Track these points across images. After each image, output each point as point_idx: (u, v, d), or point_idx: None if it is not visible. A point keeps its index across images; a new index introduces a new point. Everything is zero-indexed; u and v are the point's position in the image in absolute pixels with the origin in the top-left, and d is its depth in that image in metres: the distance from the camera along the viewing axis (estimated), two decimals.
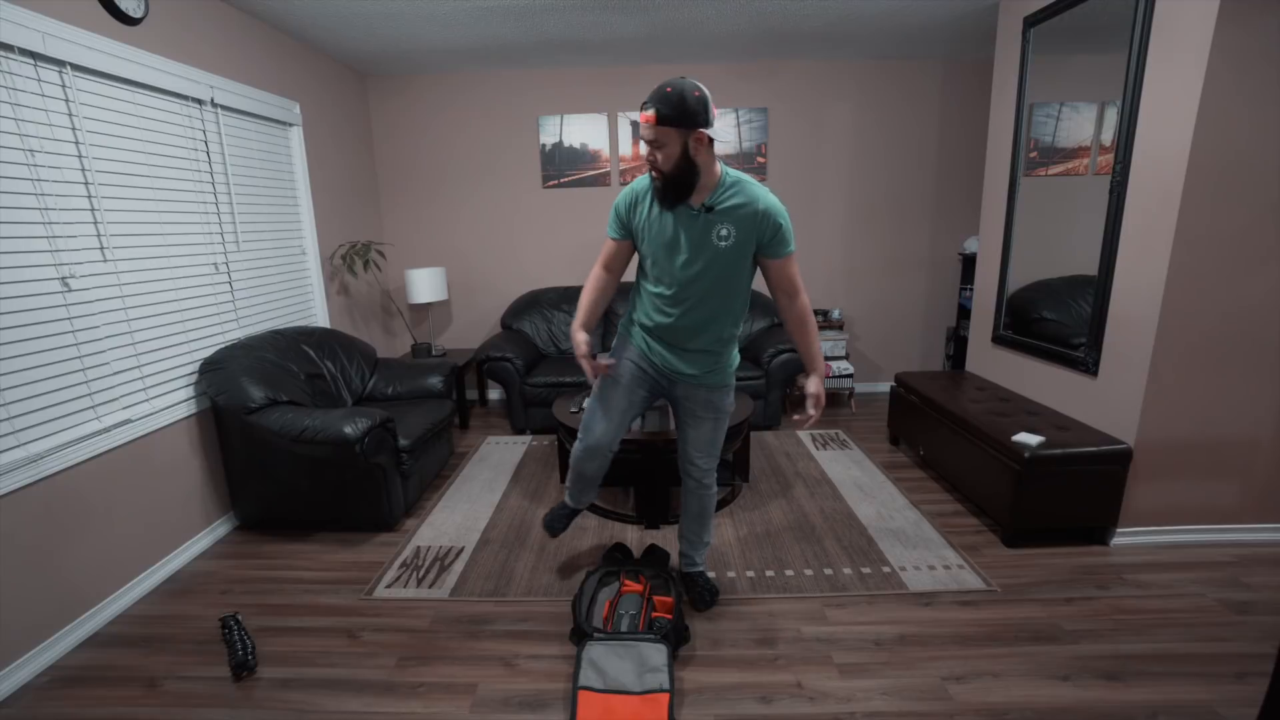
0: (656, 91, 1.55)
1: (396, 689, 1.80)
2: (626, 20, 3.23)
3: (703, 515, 2.12)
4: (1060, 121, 2.69)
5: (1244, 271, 2.17)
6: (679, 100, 1.52)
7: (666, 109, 1.53)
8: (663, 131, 1.55)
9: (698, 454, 2.01)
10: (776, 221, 1.68)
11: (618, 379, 1.95)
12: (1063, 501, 2.36)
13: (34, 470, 1.91)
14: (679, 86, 1.53)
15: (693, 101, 1.53)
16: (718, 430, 2.00)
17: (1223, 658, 1.82)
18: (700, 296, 1.78)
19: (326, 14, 3.02)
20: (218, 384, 2.48)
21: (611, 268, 1.91)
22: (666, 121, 1.54)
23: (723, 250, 1.70)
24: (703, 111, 1.55)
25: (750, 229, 1.68)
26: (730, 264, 1.73)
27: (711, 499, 2.10)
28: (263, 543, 2.65)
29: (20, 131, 1.92)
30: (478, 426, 4.11)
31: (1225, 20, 1.96)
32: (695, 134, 1.56)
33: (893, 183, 4.32)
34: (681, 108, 1.53)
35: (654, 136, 1.57)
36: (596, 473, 2.09)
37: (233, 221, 2.86)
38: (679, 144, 1.56)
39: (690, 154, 1.58)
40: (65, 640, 2.00)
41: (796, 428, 1.85)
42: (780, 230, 1.69)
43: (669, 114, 1.53)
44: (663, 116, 1.53)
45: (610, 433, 1.98)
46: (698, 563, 2.19)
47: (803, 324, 1.84)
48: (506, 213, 4.42)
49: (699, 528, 2.14)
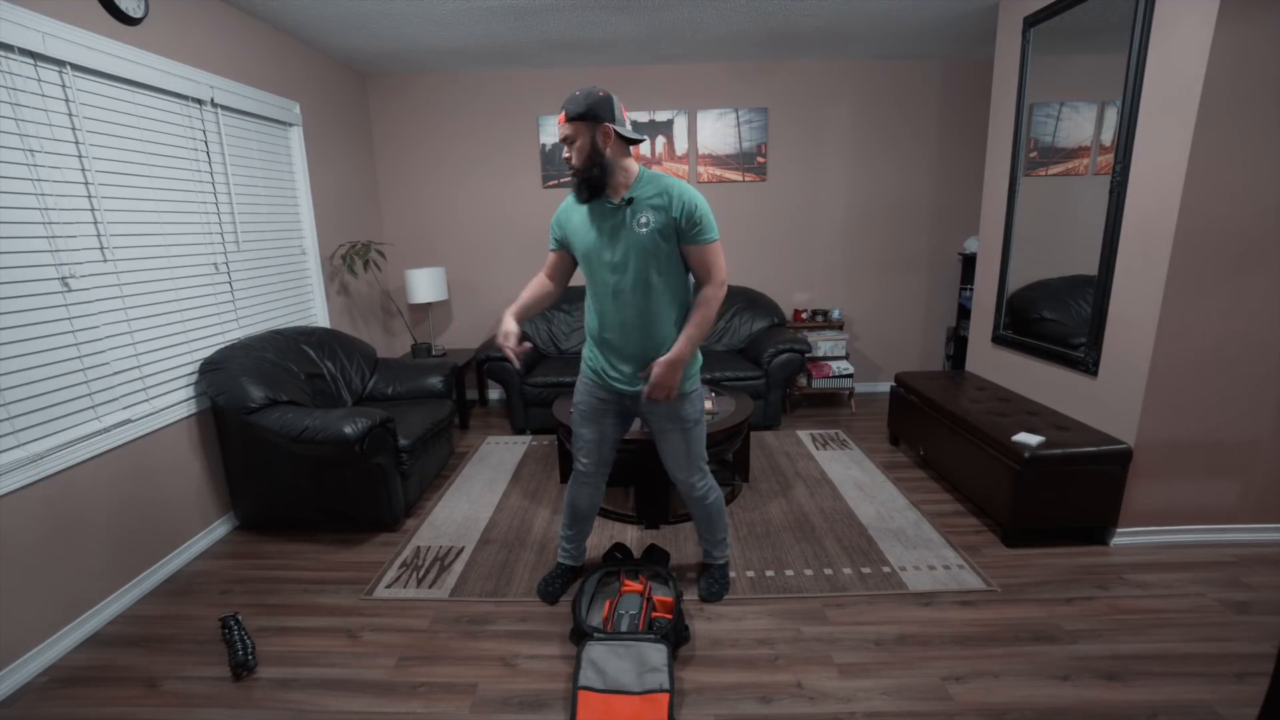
0: (568, 97, 1.73)
1: (396, 689, 1.80)
2: (626, 20, 3.23)
3: (707, 519, 2.14)
4: (1060, 121, 2.69)
5: (1244, 271, 2.17)
6: (584, 99, 1.69)
7: (574, 106, 1.69)
8: (572, 126, 1.70)
9: (674, 467, 2.02)
10: (692, 206, 1.75)
11: (582, 413, 2.03)
12: (1063, 501, 2.36)
13: (34, 470, 1.91)
14: (585, 89, 1.71)
15: (596, 100, 1.69)
16: (688, 441, 1.97)
17: (1223, 658, 1.82)
18: (630, 290, 1.81)
19: (326, 14, 3.02)
20: (218, 384, 2.48)
21: (552, 277, 2.02)
22: (574, 117, 1.70)
23: (643, 236, 1.76)
24: (606, 108, 1.70)
25: (666, 215, 1.75)
26: (652, 253, 1.78)
27: (710, 505, 2.10)
28: (263, 543, 2.65)
29: (20, 131, 1.92)
30: (478, 426, 4.12)
31: (1225, 20, 1.96)
32: (601, 127, 1.70)
33: (892, 182, 4.32)
34: (586, 104, 1.69)
35: (566, 133, 1.72)
36: (588, 506, 2.15)
37: (233, 221, 2.86)
38: (588, 137, 1.70)
39: (599, 146, 1.71)
40: (65, 640, 2.00)
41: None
42: (695, 215, 1.75)
43: (576, 110, 1.69)
44: (570, 114, 1.70)
45: (590, 464, 2.07)
46: (716, 558, 2.21)
47: (698, 305, 1.82)
48: (507, 213, 4.42)
49: (708, 530, 2.16)
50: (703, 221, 1.76)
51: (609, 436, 2.04)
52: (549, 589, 2.21)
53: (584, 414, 2.03)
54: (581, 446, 2.06)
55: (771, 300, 4.28)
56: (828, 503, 2.87)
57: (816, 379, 4.17)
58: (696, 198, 1.77)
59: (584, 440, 2.04)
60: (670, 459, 2.01)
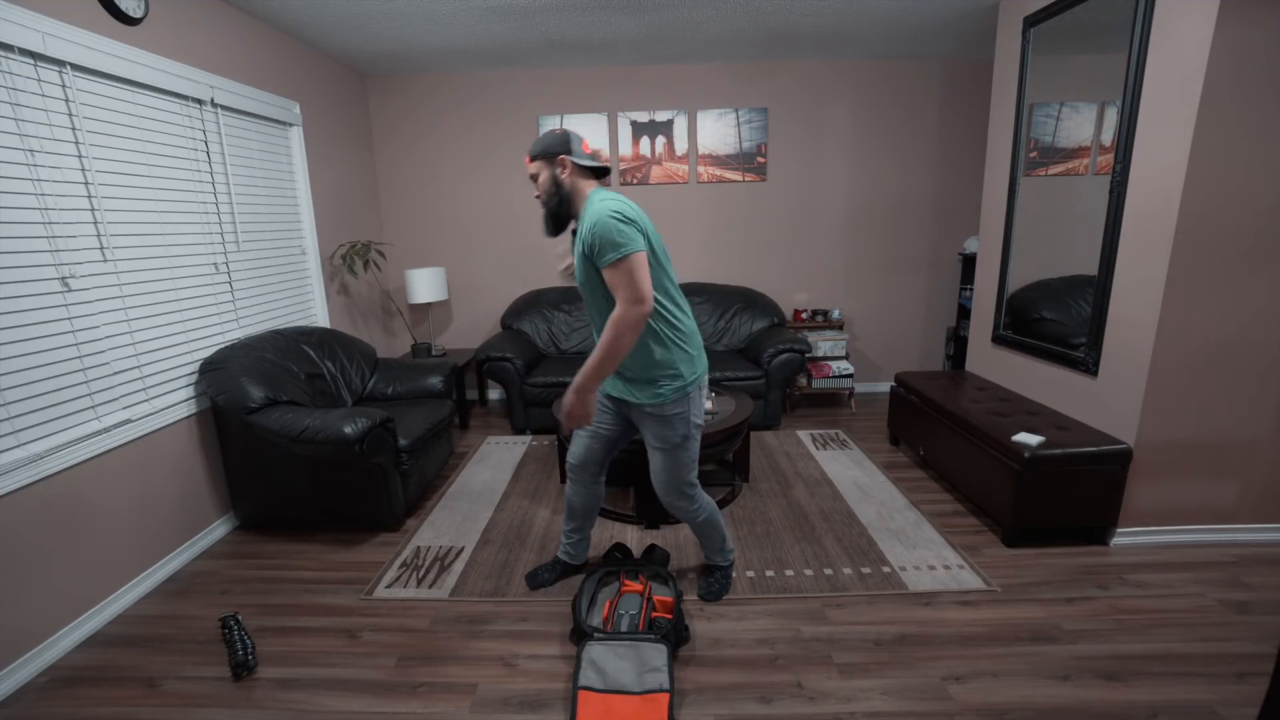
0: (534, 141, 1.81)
1: (396, 689, 1.80)
2: (626, 20, 3.23)
3: (703, 534, 2.14)
4: (1060, 121, 2.69)
5: (1244, 271, 2.17)
6: (542, 139, 1.81)
7: (534, 148, 1.81)
8: (534, 165, 1.81)
9: (656, 485, 2.00)
10: (591, 233, 1.66)
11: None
12: (1063, 501, 2.36)
13: (34, 470, 1.91)
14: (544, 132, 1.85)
15: (551, 138, 1.80)
16: (669, 463, 1.93)
17: (1223, 658, 1.82)
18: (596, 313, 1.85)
19: (326, 14, 3.02)
20: (218, 384, 2.48)
21: None
22: (535, 156, 1.81)
23: (581, 263, 1.78)
24: (561, 143, 1.79)
25: (581, 244, 1.73)
26: (582, 279, 1.81)
27: (702, 523, 2.08)
28: (263, 543, 2.65)
29: (20, 131, 1.92)
30: (478, 426, 4.11)
31: (1225, 20, 1.96)
32: (558, 160, 1.78)
33: (892, 182, 4.32)
34: (543, 144, 1.79)
35: (531, 172, 1.83)
36: (581, 506, 2.18)
37: (233, 221, 2.86)
38: (548, 173, 1.80)
39: (558, 179, 1.79)
40: (65, 640, 2.00)
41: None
42: (595, 240, 1.65)
43: (535, 151, 1.80)
44: (532, 155, 1.81)
45: (578, 454, 2.10)
46: (718, 562, 2.21)
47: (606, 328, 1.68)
48: (507, 213, 4.42)
49: (705, 542, 2.18)
50: (601, 246, 1.64)
51: (601, 434, 2.05)
52: (537, 577, 2.25)
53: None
54: (575, 437, 2.12)
55: (771, 300, 4.28)
56: (828, 503, 2.87)
57: (816, 379, 4.17)
58: (599, 224, 1.64)
59: (577, 433, 2.10)
60: (654, 476, 1.99)
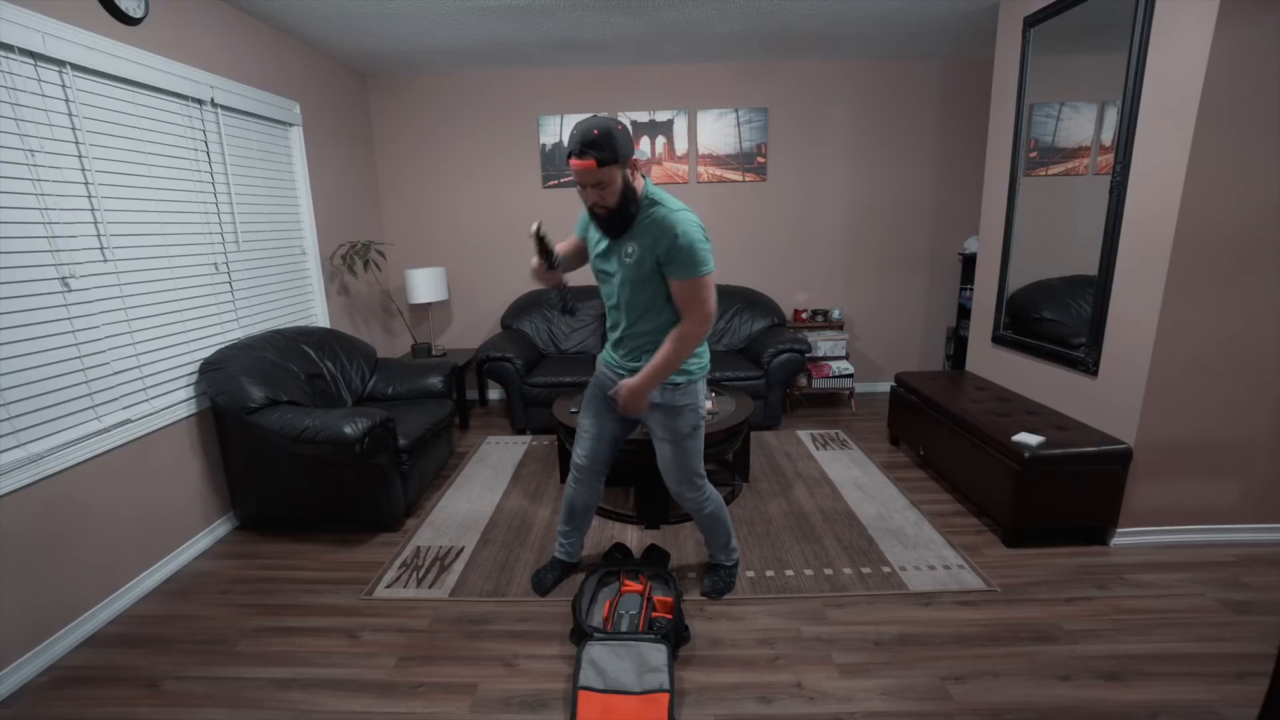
0: (583, 136, 1.57)
1: (396, 689, 1.80)
2: (626, 20, 3.23)
3: (707, 528, 2.15)
4: (1060, 121, 2.69)
5: (1244, 271, 2.17)
6: (609, 138, 1.58)
7: (603, 151, 1.57)
8: (605, 172, 1.60)
9: (665, 477, 2.02)
10: (676, 244, 1.67)
11: (586, 404, 2.06)
12: (1063, 501, 2.36)
13: (34, 470, 1.91)
14: (604, 126, 1.59)
15: (620, 135, 1.60)
16: (678, 454, 1.95)
17: (1223, 658, 1.82)
18: (624, 308, 1.86)
19: (326, 14, 3.02)
20: (218, 384, 2.48)
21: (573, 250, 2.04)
22: (607, 162, 1.59)
23: (629, 266, 1.77)
24: (629, 141, 1.64)
25: (649, 248, 1.72)
26: (635, 279, 1.77)
27: (708, 515, 2.10)
28: (263, 543, 2.65)
29: (20, 131, 1.92)
30: (478, 426, 4.11)
31: (1225, 20, 1.96)
32: (631, 161, 1.66)
33: (892, 182, 4.32)
34: (614, 144, 1.59)
35: (598, 179, 1.61)
36: (583, 506, 2.18)
37: (233, 221, 2.86)
38: (620, 177, 1.64)
39: (630, 182, 1.68)
40: (65, 640, 2.00)
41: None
42: (677, 252, 1.67)
43: (607, 155, 1.58)
44: (603, 159, 1.58)
45: (584, 457, 2.08)
46: (720, 560, 2.23)
47: (669, 340, 1.77)
48: (507, 213, 4.42)
49: (710, 537, 2.18)
50: (686, 260, 1.67)
51: (607, 434, 2.05)
52: (542, 580, 2.24)
53: (588, 404, 2.07)
54: (580, 438, 2.09)
55: (771, 300, 4.28)
56: (828, 503, 2.87)
57: (816, 379, 4.17)
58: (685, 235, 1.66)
59: (583, 430, 2.07)
60: (661, 467, 2.02)
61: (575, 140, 1.59)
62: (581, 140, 1.57)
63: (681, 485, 2.01)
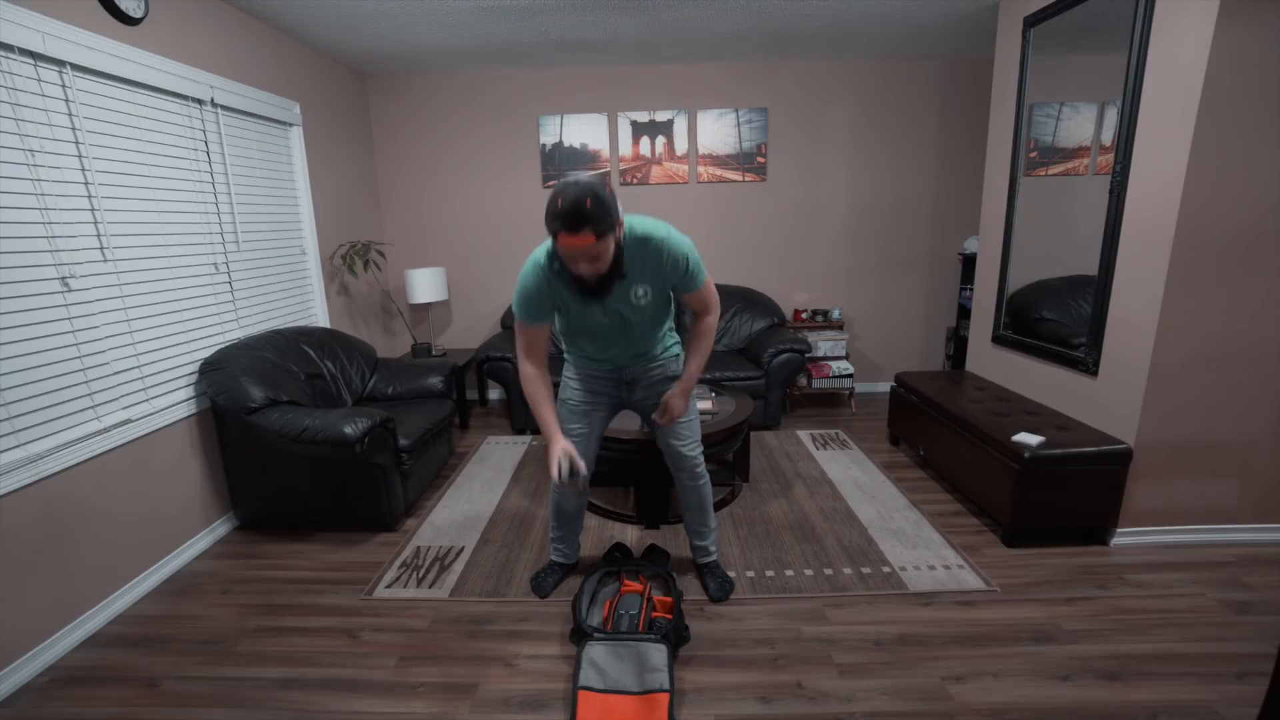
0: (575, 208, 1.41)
1: (396, 689, 1.80)
2: (626, 20, 3.23)
3: (703, 507, 2.16)
4: (1060, 121, 2.69)
5: (1244, 272, 2.17)
6: (601, 207, 1.44)
7: (600, 223, 1.44)
8: (603, 243, 1.49)
9: (678, 441, 2.04)
10: (684, 267, 1.73)
11: (572, 409, 2.05)
12: (1063, 501, 2.36)
13: (34, 470, 1.91)
14: (593, 193, 1.43)
15: (610, 198, 1.47)
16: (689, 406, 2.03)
17: (1223, 658, 1.82)
18: (627, 338, 1.92)
19: (326, 14, 3.02)
20: (218, 384, 2.48)
21: (538, 356, 1.86)
22: (606, 233, 1.47)
23: (644, 306, 1.80)
24: (615, 199, 1.51)
25: (661, 283, 1.77)
26: (653, 311, 1.85)
27: (708, 489, 2.14)
28: (263, 543, 2.65)
29: (20, 131, 1.92)
30: (478, 426, 4.11)
31: (1225, 20, 1.96)
32: (619, 224, 1.56)
33: (892, 182, 4.32)
34: (609, 212, 1.46)
35: (596, 253, 1.50)
36: (575, 507, 2.19)
37: (233, 221, 2.86)
38: (613, 242, 1.55)
39: (619, 242, 1.62)
40: (65, 640, 2.00)
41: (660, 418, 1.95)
42: (687, 271, 1.75)
43: (605, 225, 1.46)
44: (601, 232, 1.46)
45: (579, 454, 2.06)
46: (711, 552, 2.23)
47: (699, 336, 1.90)
48: (507, 213, 4.42)
49: (703, 518, 2.18)
50: (695, 272, 1.77)
51: (597, 431, 2.08)
52: (542, 583, 2.24)
53: (574, 409, 2.04)
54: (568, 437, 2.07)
55: (771, 300, 4.28)
56: (828, 503, 2.87)
57: (816, 379, 4.17)
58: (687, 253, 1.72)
59: (573, 435, 2.04)
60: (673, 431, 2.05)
61: (567, 213, 1.41)
62: (575, 214, 1.41)
63: (697, 445, 2.09)
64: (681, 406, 1.95)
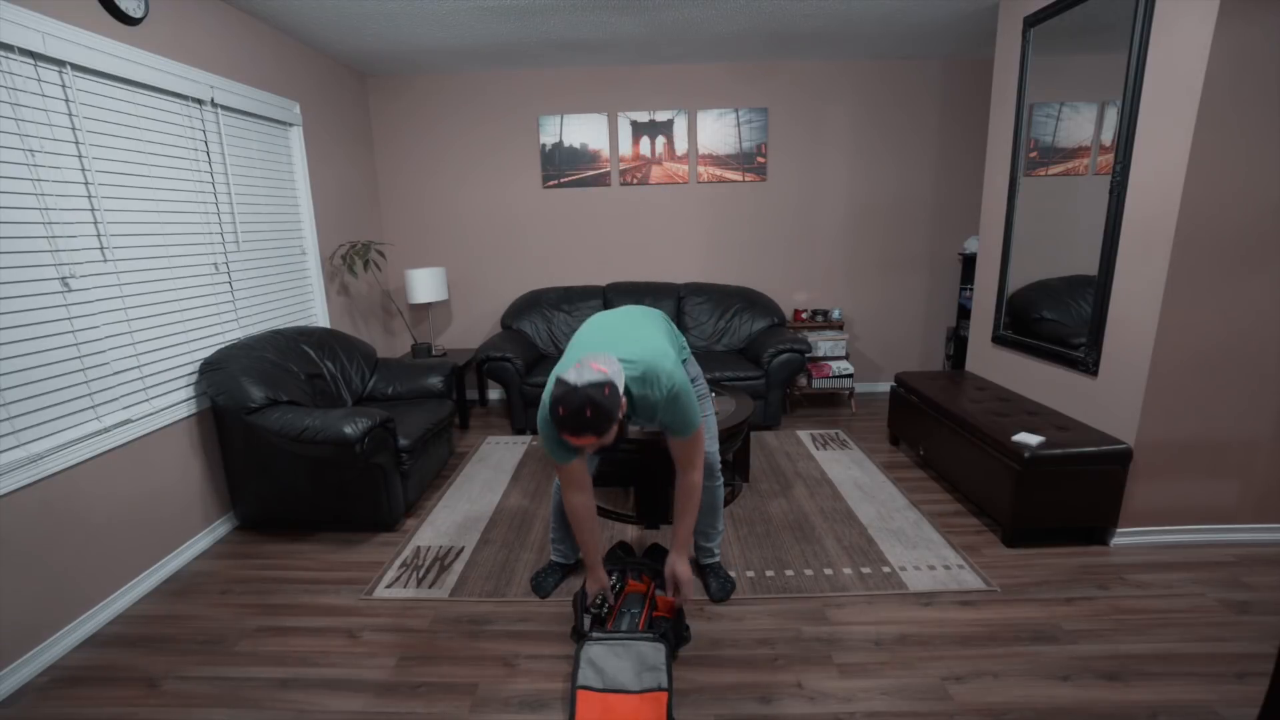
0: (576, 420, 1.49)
1: (396, 689, 1.80)
2: (626, 20, 3.23)
3: (714, 507, 2.16)
4: (1060, 121, 2.69)
5: (1244, 271, 2.17)
6: (600, 414, 1.50)
7: (600, 428, 1.52)
8: (606, 437, 1.57)
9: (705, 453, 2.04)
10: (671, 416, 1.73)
11: None
12: (1063, 501, 2.36)
13: (34, 470, 1.91)
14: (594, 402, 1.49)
15: (608, 401, 1.51)
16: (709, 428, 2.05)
17: (1223, 658, 1.82)
18: None
19: (326, 14, 3.02)
20: (218, 384, 2.48)
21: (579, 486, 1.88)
22: (607, 431, 1.54)
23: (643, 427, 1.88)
24: (617, 397, 1.54)
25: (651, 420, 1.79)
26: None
27: (720, 491, 2.14)
28: (263, 543, 2.65)
29: (20, 131, 1.92)
30: (478, 426, 4.11)
31: (1225, 20, 1.96)
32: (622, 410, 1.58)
33: (892, 182, 4.32)
34: (608, 417, 1.52)
35: (600, 445, 1.60)
36: None
37: (233, 221, 2.86)
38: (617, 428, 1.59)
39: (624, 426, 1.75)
40: (65, 640, 2.00)
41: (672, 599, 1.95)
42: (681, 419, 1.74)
43: (605, 427, 1.53)
44: (602, 432, 1.54)
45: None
46: (715, 553, 2.23)
47: (685, 498, 1.86)
48: (507, 213, 4.42)
49: (712, 518, 2.18)
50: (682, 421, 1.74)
51: None
52: (542, 584, 2.24)
53: None
54: None
55: (771, 300, 4.28)
56: (828, 503, 2.87)
57: (816, 379, 4.17)
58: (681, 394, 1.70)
59: None
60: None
61: (568, 422, 1.51)
62: (576, 423, 1.50)
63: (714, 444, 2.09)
64: (685, 572, 1.87)
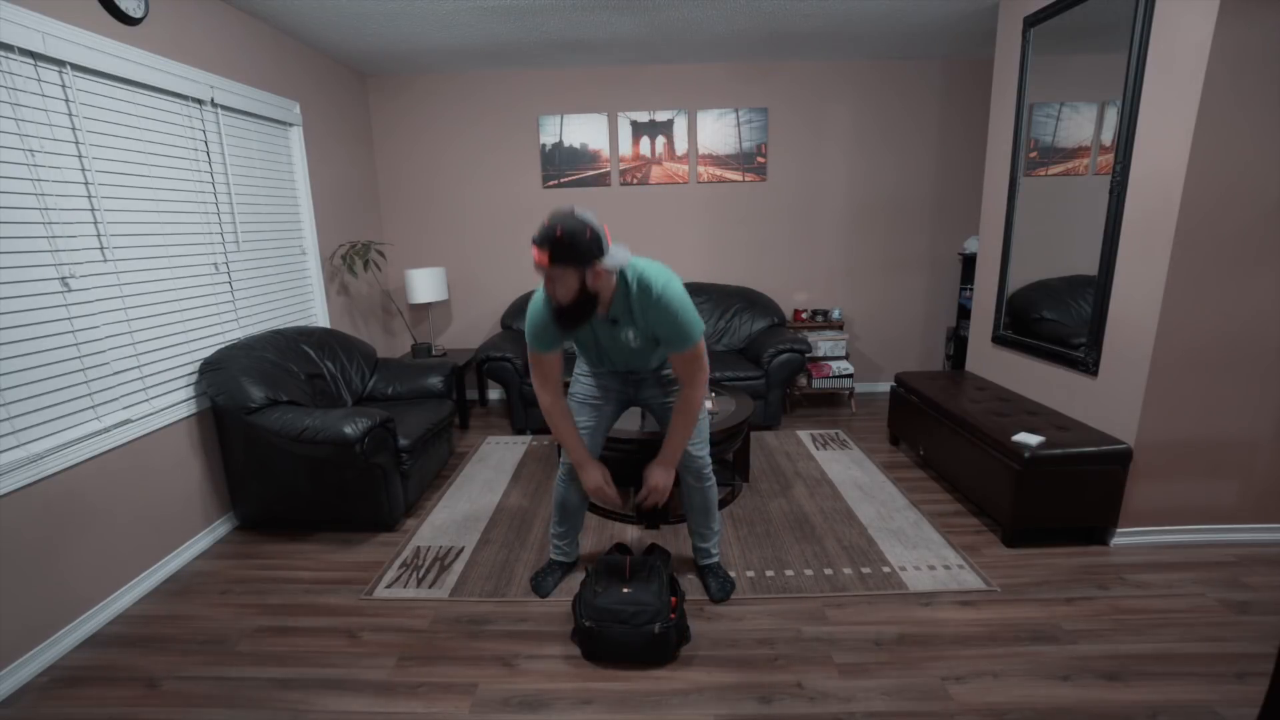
0: (547, 232, 1.53)
1: (396, 689, 1.80)
2: (626, 20, 3.23)
3: (708, 508, 2.16)
4: (1060, 121, 2.69)
5: (1244, 271, 2.17)
6: (570, 243, 1.52)
7: (561, 251, 1.52)
8: (557, 270, 1.56)
9: (693, 447, 2.05)
10: (671, 322, 1.71)
11: (580, 402, 2.09)
12: (1063, 501, 2.36)
13: (34, 470, 1.91)
14: (569, 228, 1.52)
15: (585, 241, 1.53)
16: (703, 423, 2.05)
17: (1223, 658, 1.82)
18: (625, 362, 1.98)
19: (326, 14, 3.02)
20: (218, 384, 2.48)
21: (553, 385, 1.91)
22: (561, 261, 1.54)
23: (636, 348, 1.87)
24: (596, 248, 1.56)
25: (646, 330, 1.77)
26: (644, 349, 1.89)
27: (713, 491, 2.14)
28: (263, 543, 2.65)
29: (20, 131, 1.92)
30: (478, 426, 4.11)
31: (1225, 20, 1.96)
32: (592, 268, 1.58)
33: (893, 182, 4.32)
34: (574, 250, 1.53)
35: (550, 275, 1.58)
36: (578, 503, 2.20)
37: (233, 221, 2.86)
38: (576, 279, 1.59)
39: (588, 286, 1.62)
40: (65, 640, 2.00)
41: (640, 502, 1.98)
42: (673, 328, 1.72)
43: (562, 256, 1.53)
44: (556, 258, 1.53)
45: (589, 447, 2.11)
46: (713, 554, 2.23)
47: (682, 413, 1.87)
48: (507, 213, 4.42)
49: (706, 519, 2.18)
50: (681, 333, 1.72)
51: (604, 425, 2.11)
52: (542, 583, 2.24)
53: (583, 403, 2.09)
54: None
55: (771, 300, 4.28)
56: (828, 503, 2.87)
57: (816, 379, 4.17)
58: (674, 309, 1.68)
59: (582, 429, 2.07)
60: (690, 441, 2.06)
61: (542, 230, 1.54)
62: (544, 235, 1.54)
63: (705, 447, 2.09)
64: (663, 481, 1.92)
